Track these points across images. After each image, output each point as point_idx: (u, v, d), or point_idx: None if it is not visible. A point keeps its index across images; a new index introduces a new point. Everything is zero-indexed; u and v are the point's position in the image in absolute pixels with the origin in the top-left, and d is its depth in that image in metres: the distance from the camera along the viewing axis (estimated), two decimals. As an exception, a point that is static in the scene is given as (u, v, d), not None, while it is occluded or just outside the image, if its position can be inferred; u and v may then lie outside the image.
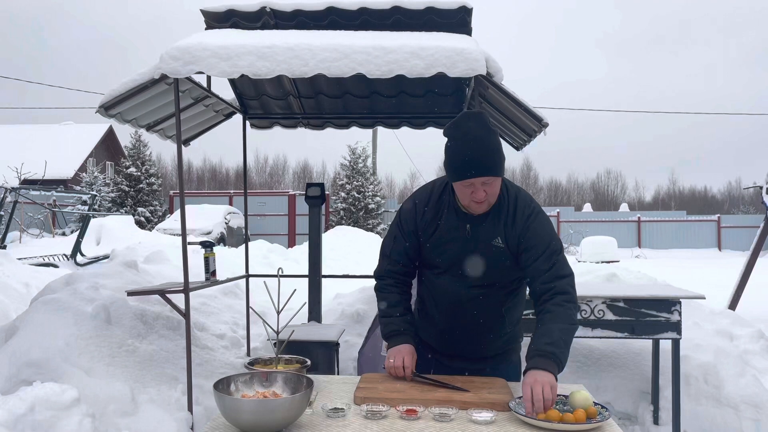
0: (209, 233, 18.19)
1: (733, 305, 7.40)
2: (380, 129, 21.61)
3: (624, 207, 33.76)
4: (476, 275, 2.26)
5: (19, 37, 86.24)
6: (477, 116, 2.19)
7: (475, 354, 2.17)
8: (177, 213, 19.71)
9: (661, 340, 4.16)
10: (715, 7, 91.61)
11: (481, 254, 2.23)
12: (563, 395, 2.01)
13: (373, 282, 2.52)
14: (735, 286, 7.61)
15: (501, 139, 2.21)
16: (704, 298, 3.95)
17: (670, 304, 3.79)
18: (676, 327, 3.79)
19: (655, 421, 4.19)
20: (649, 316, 3.79)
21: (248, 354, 5.28)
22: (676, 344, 3.86)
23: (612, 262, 15.54)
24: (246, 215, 6.16)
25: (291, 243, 21.26)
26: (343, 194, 23.83)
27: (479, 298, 2.28)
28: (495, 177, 2.14)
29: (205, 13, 4.45)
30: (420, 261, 2.40)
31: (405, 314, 2.37)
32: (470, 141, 2.11)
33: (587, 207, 33.79)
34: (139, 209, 24.24)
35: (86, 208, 13.86)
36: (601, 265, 7.70)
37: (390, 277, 2.40)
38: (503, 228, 2.22)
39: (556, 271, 2.16)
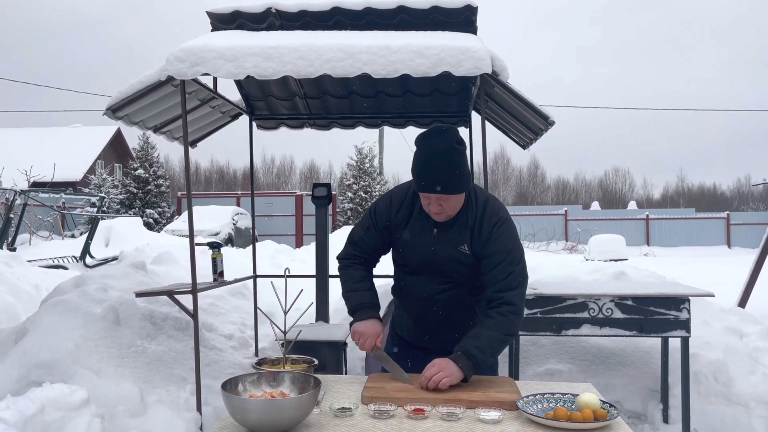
0: (217, 234, 18.21)
1: (742, 303, 7.34)
2: (386, 128, 21.61)
3: (632, 205, 33.62)
4: (443, 276, 2.33)
5: (27, 39, 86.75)
6: (445, 132, 2.21)
7: (448, 347, 2.21)
8: (185, 214, 19.76)
9: (670, 338, 4.14)
10: (724, 5, 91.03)
11: (446, 258, 2.31)
12: (572, 394, 2.01)
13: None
14: (744, 283, 7.55)
15: (465, 158, 2.23)
16: (713, 296, 3.92)
17: (679, 302, 3.78)
18: (685, 325, 3.77)
19: (665, 420, 4.17)
20: (657, 314, 3.78)
21: (256, 354, 5.30)
22: (685, 342, 3.84)
23: (620, 260, 15.45)
24: (253, 216, 6.17)
25: (298, 243, 21.30)
26: (350, 194, 23.86)
27: (448, 294, 2.36)
28: (451, 195, 2.18)
29: (210, 14, 4.47)
30: (393, 259, 2.48)
31: (370, 289, 2.42)
32: (431, 157, 2.17)
33: (595, 205, 33.70)
34: (148, 211, 24.37)
35: (95, 210, 13.90)
36: (609, 263, 7.66)
37: (353, 258, 2.47)
38: (469, 235, 2.28)
39: (509, 282, 2.22)
